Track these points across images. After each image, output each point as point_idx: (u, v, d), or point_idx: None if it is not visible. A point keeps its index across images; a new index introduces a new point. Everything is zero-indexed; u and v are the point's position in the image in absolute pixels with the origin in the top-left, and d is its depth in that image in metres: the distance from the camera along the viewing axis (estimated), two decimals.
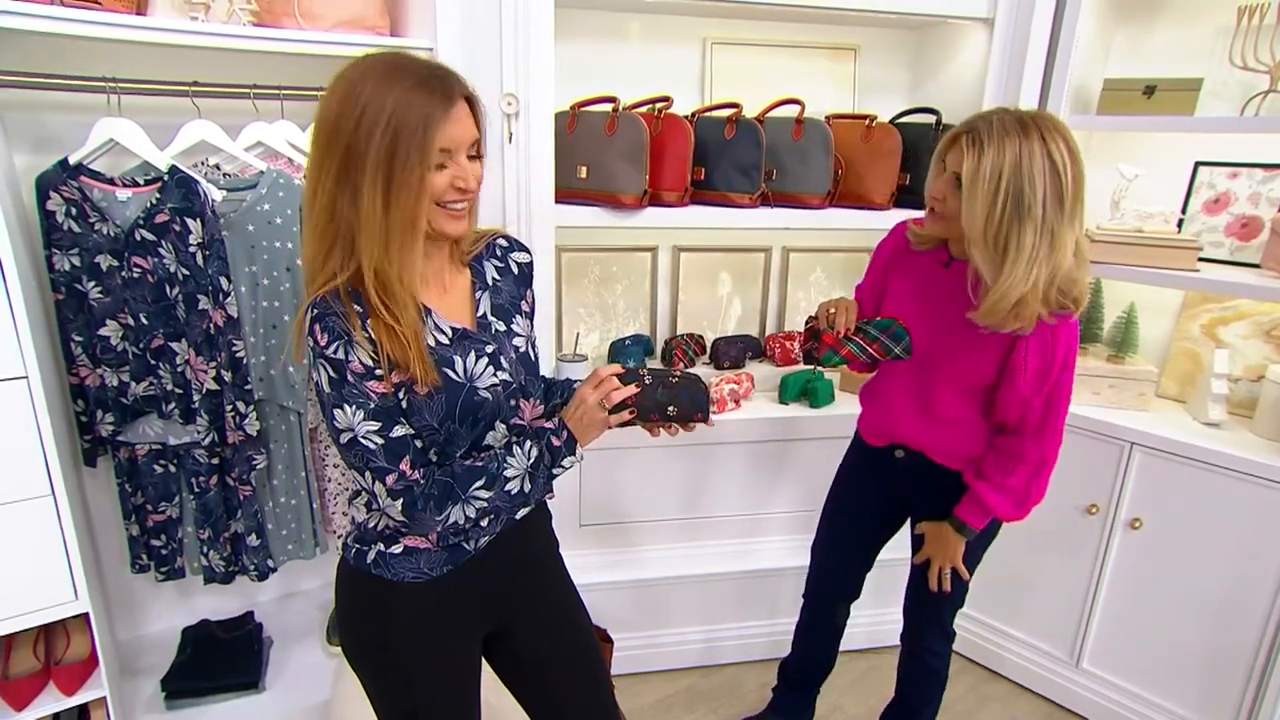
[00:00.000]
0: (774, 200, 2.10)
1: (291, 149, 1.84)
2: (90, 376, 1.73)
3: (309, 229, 1.03)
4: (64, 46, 1.53)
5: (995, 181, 1.24)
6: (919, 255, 1.53)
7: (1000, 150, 1.24)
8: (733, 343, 2.40)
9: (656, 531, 2.28)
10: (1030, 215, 1.24)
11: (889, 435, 1.65)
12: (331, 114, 0.99)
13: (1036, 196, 1.23)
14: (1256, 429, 1.92)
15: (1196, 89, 1.92)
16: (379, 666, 1.20)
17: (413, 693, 1.19)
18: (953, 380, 1.49)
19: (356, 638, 1.22)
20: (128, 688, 1.95)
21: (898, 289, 1.57)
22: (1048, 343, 1.36)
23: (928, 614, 1.73)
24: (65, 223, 1.62)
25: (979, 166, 1.25)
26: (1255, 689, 1.85)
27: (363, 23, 1.78)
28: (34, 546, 1.51)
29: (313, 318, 1.01)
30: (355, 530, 1.20)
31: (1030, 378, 1.38)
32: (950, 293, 1.44)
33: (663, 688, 2.24)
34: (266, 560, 1.97)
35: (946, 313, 1.45)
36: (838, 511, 1.84)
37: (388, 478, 1.04)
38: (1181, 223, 2.07)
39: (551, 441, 1.12)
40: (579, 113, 2.00)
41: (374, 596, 1.17)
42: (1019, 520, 1.53)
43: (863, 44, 2.39)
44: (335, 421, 1.03)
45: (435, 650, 1.20)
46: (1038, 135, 1.24)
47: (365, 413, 1.02)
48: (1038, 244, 1.25)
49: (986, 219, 1.26)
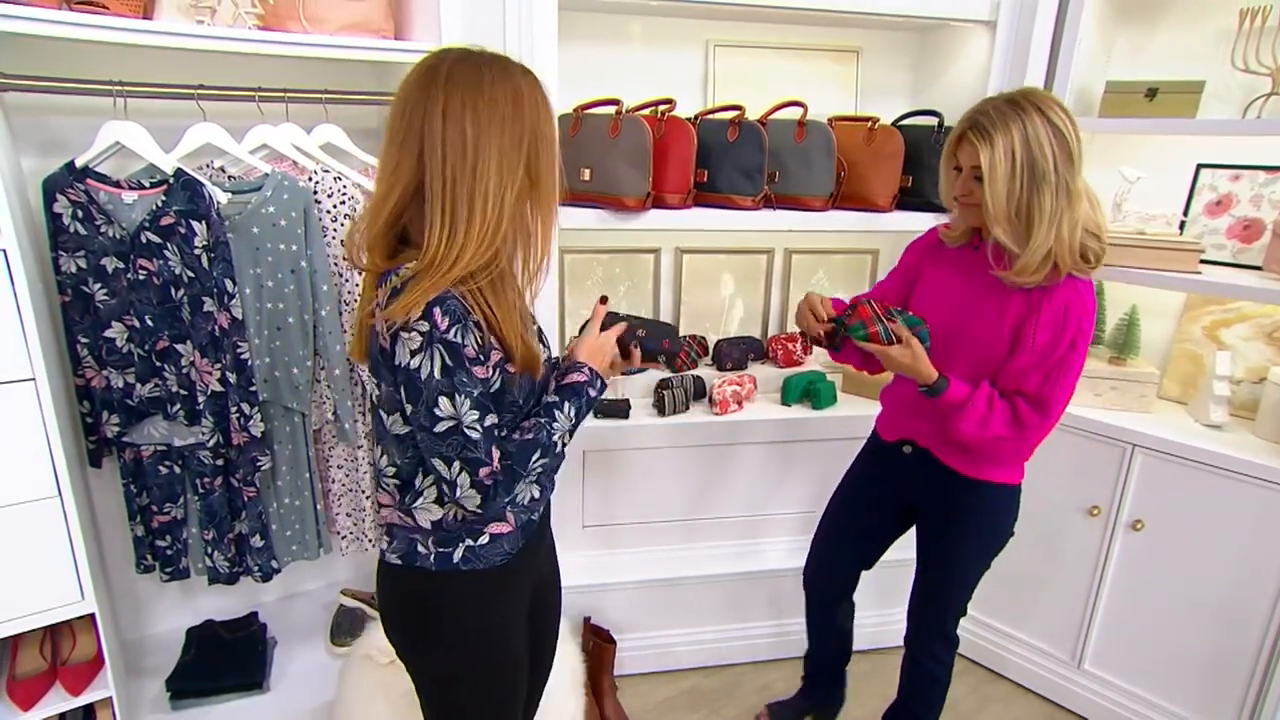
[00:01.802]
0: (776, 202, 2.11)
1: (296, 152, 1.85)
2: (96, 378, 1.73)
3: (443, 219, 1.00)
4: (70, 50, 1.53)
5: (1010, 163, 1.33)
6: (951, 250, 1.60)
7: (1008, 134, 1.33)
8: (735, 344, 2.41)
9: (659, 532, 2.29)
10: (1046, 181, 1.33)
11: (900, 430, 1.68)
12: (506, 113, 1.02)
13: (1049, 163, 1.32)
14: (1258, 431, 1.93)
15: (1198, 91, 1.93)
16: (489, 652, 1.20)
17: (519, 667, 1.25)
18: (969, 360, 1.51)
19: (458, 632, 1.18)
20: (133, 688, 1.96)
21: (931, 277, 1.62)
22: (1059, 319, 1.40)
23: (931, 618, 1.74)
24: (72, 225, 1.62)
25: (994, 155, 1.34)
26: (1257, 690, 1.85)
27: (367, 26, 1.79)
28: (40, 547, 1.51)
29: (431, 300, 0.98)
30: (432, 533, 1.15)
31: (1036, 351, 1.42)
32: (978, 270, 1.50)
33: (665, 688, 2.25)
34: (271, 561, 1.98)
35: (973, 290, 1.51)
36: (842, 505, 1.86)
37: (481, 470, 1.04)
38: (1183, 225, 2.07)
39: (589, 393, 1.18)
40: (582, 115, 2.01)
41: (472, 590, 1.17)
42: (962, 441, 1.49)
43: (865, 46, 2.40)
44: (436, 410, 1.01)
45: (522, 625, 1.25)
46: (1033, 108, 1.33)
47: (471, 401, 1.02)
48: (1056, 203, 1.34)
49: (1008, 197, 1.35)
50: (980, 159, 1.36)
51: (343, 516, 2.14)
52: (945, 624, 1.72)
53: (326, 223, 1.89)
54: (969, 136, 1.38)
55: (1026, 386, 1.44)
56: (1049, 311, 1.41)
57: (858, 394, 2.38)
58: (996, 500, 1.60)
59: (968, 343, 1.51)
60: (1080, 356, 1.43)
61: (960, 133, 1.41)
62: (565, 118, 1.99)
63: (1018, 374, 1.44)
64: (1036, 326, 1.41)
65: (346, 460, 2.09)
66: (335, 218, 1.90)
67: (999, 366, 1.48)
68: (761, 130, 2.03)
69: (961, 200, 1.46)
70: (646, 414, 2.19)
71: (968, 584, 1.69)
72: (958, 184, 1.45)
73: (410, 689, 1.27)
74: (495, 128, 1.00)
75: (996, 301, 1.46)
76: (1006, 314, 1.45)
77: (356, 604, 2.22)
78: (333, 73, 1.87)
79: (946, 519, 1.65)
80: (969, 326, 1.51)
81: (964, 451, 1.55)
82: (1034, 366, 1.43)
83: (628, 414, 2.16)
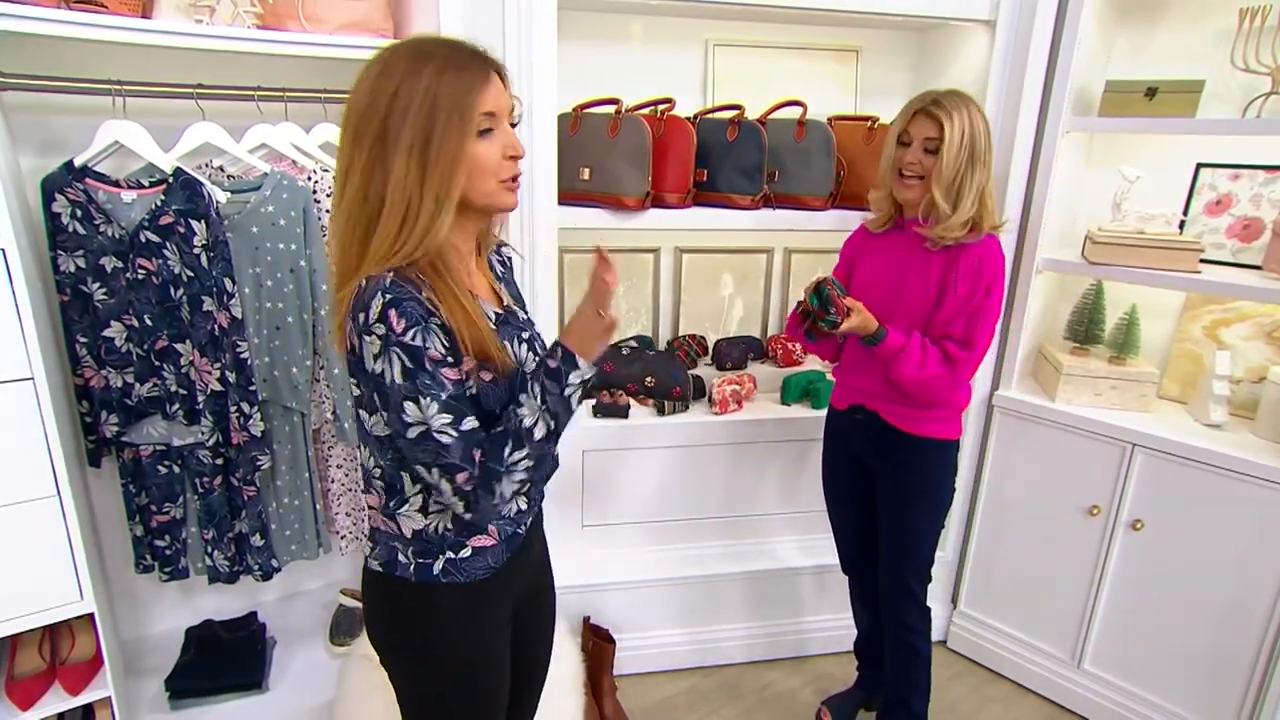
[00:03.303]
0: (776, 202, 2.11)
1: (295, 151, 1.84)
2: (95, 378, 1.73)
3: (342, 221, 1.00)
4: (69, 49, 1.53)
5: (961, 139, 1.58)
6: (877, 237, 1.80)
7: (962, 115, 1.59)
8: (735, 344, 2.40)
9: (658, 532, 2.29)
10: (979, 160, 1.60)
11: (850, 398, 1.85)
12: (362, 101, 0.99)
13: (979, 145, 1.60)
14: (1258, 430, 1.93)
15: (1198, 91, 1.92)
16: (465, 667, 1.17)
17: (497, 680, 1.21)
18: (902, 319, 1.70)
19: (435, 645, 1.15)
20: (132, 687, 1.96)
21: (865, 264, 1.81)
22: (975, 269, 1.63)
23: (894, 581, 1.83)
24: (70, 225, 1.62)
25: (952, 130, 1.58)
26: (1257, 690, 1.85)
27: (366, 25, 1.79)
28: (39, 547, 1.51)
29: (386, 302, 0.95)
30: (413, 542, 1.11)
31: (958, 298, 1.64)
32: (903, 246, 1.72)
33: (664, 688, 2.25)
34: (271, 560, 1.98)
35: (900, 263, 1.72)
36: (828, 485, 2.00)
37: (459, 475, 1.00)
38: (1183, 224, 2.07)
39: (548, 365, 1.03)
40: (582, 115, 2.00)
41: (451, 604, 1.13)
42: (904, 383, 1.66)
43: (865, 46, 2.40)
44: (405, 416, 0.97)
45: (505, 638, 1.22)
46: (969, 101, 1.62)
47: (439, 405, 0.97)
48: (980, 178, 1.62)
49: (954, 171, 1.59)
50: (941, 131, 1.58)
51: (342, 516, 2.14)
52: (909, 585, 1.82)
53: (326, 222, 1.89)
54: (930, 111, 1.61)
55: (954, 330, 1.65)
56: (965, 265, 1.63)
57: None
58: (935, 455, 1.76)
59: (902, 307, 1.71)
60: (996, 301, 1.66)
61: (919, 109, 1.63)
62: (565, 117, 1.99)
63: (945, 321, 1.66)
64: (957, 279, 1.63)
65: (346, 459, 2.09)
66: None
67: (929, 320, 1.68)
68: (761, 130, 2.03)
69: (906, 171, 1.65)
70: (646, 413, 2.19)
71: (922, 542, 1.80)
72: (906, 155, 1.65)
73: None
74: (348, 130, 1.01)
75: (921, 266, 1.68)
76: (930, 274, 1.67)
77: (356, 604, 2.22)
78: (332, 72, 1.87)
79: (894, 478, 1.79)
80: (902, 293, 1.71)
81: (906, 401, 1.71)
82: (958, 312, 1.64)
83: (627, 414, 2.16)
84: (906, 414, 1.74)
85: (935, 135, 1.60)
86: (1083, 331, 2.13)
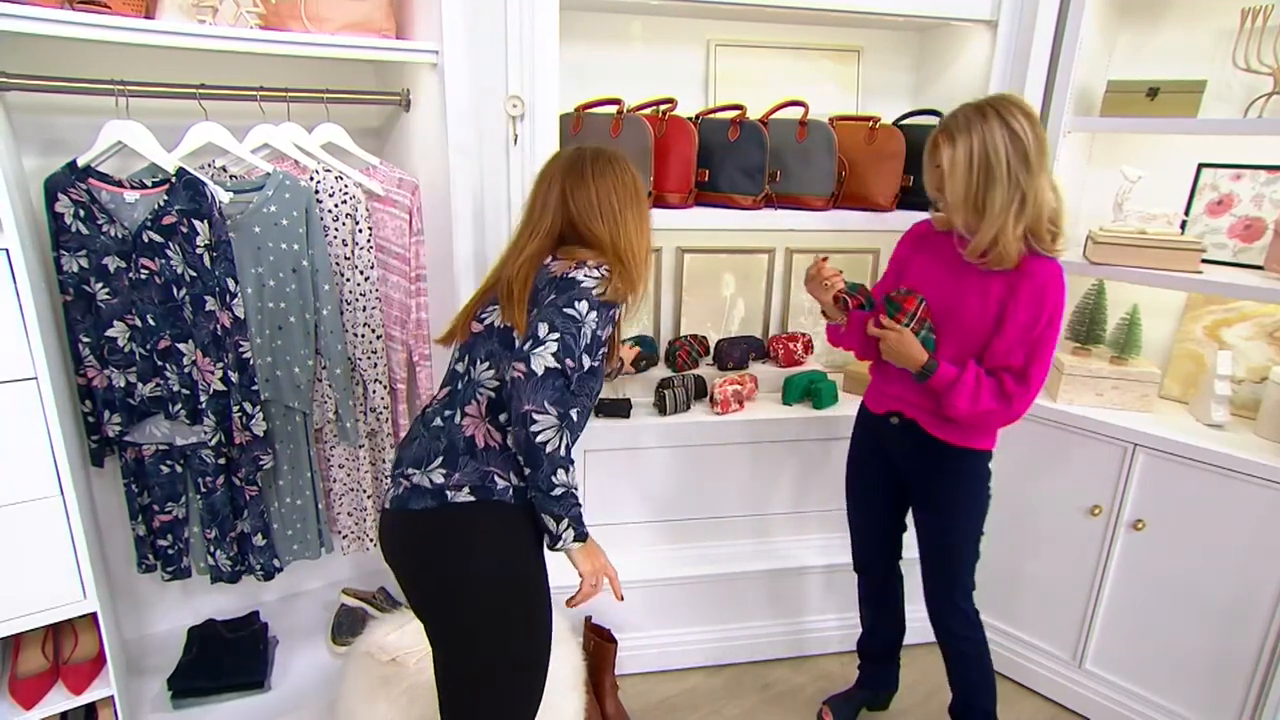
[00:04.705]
0: (777, 202, 2.11)
1: (298, 151, 1.85)
2: (98, 377, 1.74)
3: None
4: (72, 49, 1.54)
5: (967, 162, 1.51)
6: (938, 236, 1.72)
7: (968, 138, 1.51)
8: (736, 344, 2.41)
9: (659, 532, 2.29)
10: (999, 180, 1.50)
11: (887, 402, 1.78)
12: None
13: (1001, 164, 1.49)
14: (1259, 430, 1.92)
15: (1200, 91, 1.92)
16: (538, 590, 1.34)
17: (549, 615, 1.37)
18: (958, 341, 1.63)
19: (516, 567, 1.30)
20: (135, 687, 1.96)
21: (919, 264, 1.74)
22: (1037, 298, 1.55)
23: (940, 596, 1.79)
24: (73, 225, 1.63)
25: (954, 155, 1.53)
26: (1258, 690, 1.85)
27: (368, 25, 1.79)
28: (43, 546, 1.52)
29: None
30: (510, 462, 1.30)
31: (1018, 327, 1.56)
32: (959, 259, 1.63)
33: (666, 687, 2.25)
34: (273, 560, 1.98)
35: (958, 275, 1.64)
36: (852, 483, 1.96)
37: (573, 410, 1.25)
38: (1184, 224, 2.07)
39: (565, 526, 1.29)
40: (583, 115, 2.01)
41: (520, 524, 1.29)
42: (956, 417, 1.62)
43: (866, 46, 2.40)
44: (576, 349, 1.22)
45: None
46: (994, 115, 1.50)
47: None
48: (1008, 199, 1.50)
49: (965, 191, 1.53)
50: (943, 158, 1.55)
51: (344, 516, 2.14)
52: (955, 599, 1.77)
53: (328, 222, 1.89)
54: (939, 139, 1.57)
55: (1012, 362, 1.58)
56: (1026, 292, 1.55)
57: (859, 394, 2.38)
58: (976, 464, 1.72)
59: (955, 323, 1.63)
60: (1056, 331, 1.58)
61: (934, 136, 1.59)
62: (566, 117, 2.00)
63: (1004, 351, 1.58)
64: (1018, 306, 1.55)
65: (348, 459, 2.09)
66: (336, 217, 1.90)
67: (984, 345, 1.61)
68: (763, 130, 2.03)
69: (934, 194, 1.64)
70: (647, 413, 2.19)
71: (965, 555, 1.75)
72: (930, 179, 1.64)
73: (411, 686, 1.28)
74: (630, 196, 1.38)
75: (980, 285, 1.60)
76: (990, 293, 1.59)
77: (357, 603, 2.22)
78: (334, 72, 1.88)
79: (935, 490, 1.74)
80: (956, 308, 1.63)
81: (954, 425, 1.66)
82: (1018, 342, 1.57)
83: (628, 414, 2.16)
84: (952, 427, 1.68)
85: (940, 160, 1.57)
86: (1084, 331, 2.13)
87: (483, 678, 1.31)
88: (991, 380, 1.59)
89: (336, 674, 1.96)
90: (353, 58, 1.77)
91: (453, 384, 1.37)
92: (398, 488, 1.32)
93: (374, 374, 2.02)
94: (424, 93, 1.89)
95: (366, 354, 2.00)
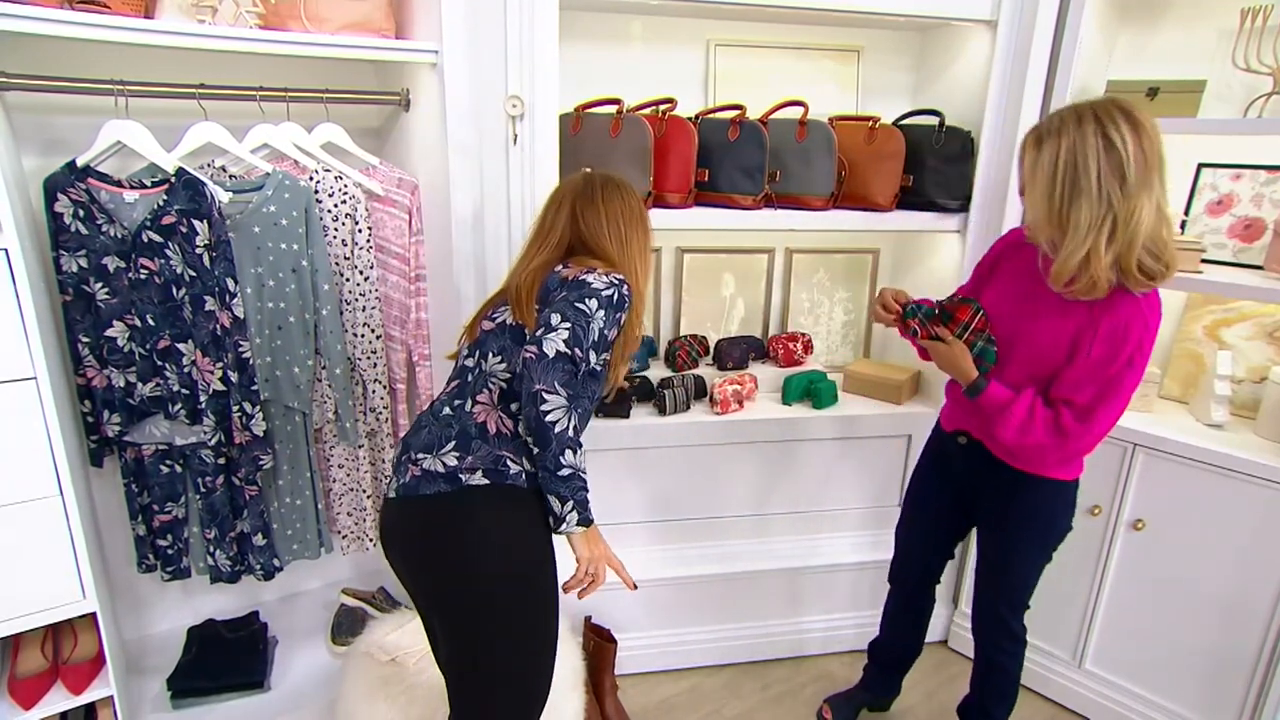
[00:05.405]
0: (777, 202, 2.11)
1: (297, 151, 1.85)
2: (97, 377, 1.74)
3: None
4: (72, 49, 1.54)
5: (1051, 170, 1.35)
6: (1028, 248, 1.56)
7: (1056, 142, 1.35)
8: (736, 344, 2.41)
9: (659, 532, 2.29)
10: (1086, 194, 1.32)
11: (956, 421, 1.70)
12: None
13: (1090, 177, 1.31)
14: (1259, 430, 1.93)
15: (1199, 91, 1.92)
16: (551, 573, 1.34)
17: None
18: (1026, 362, 1.51)
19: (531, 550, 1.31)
20: (134, 687, 1.96)
21: (1003, 274, 1.63)
22: (1118, 335, 1.39)
23: (990, 612, 1.75)
24: (73, 224, 1.63)
25: (1037, 160, 1.37)
26: (1258, 690, 1.85)
27: (368, 25, 1.79)
28: (42, 546, 1.52)
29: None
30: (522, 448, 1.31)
31: (1090, 364, 1.41)
32: (1037, 274, 1.49)
33: (666, 687, 2.25)
34: (273, 560, 1.98)
35: (1038, 294, 1.50)
36: (911, 497, 1.90)
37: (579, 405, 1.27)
38: (1184, 224, 2.07)
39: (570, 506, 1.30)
40: (583, 115, 2.01)
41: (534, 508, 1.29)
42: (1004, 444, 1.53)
43: (866, 46, 2.40)
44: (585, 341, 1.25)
45: None
46: (1092, 121, 1.32)
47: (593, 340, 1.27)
48: (1095, 216, 1.32)
49: (1048, 202, 1.37)
50: (1026, 162, 1.41)
51: (343, 516, 2.14)
52: (1003, 617, 1.72)
53: (327, 222, 1.89)
54: (1028, 138, 1.42)
55: (1078, 398, 1.44)
56: (1107, 326, 1.40)
57: (858, 394, 2.38)
58: (1050, 497, 1.59)
59: (1025, 344, 1.51)
60: (1137, 374, 1.41)
61: (1027, 134, 1.44)
62: (566, 117, 2.00)
63: (1072, 384, 1.44)
64: (1094, 340, 1.41)
65: (347, 459, 2.09)
66: (336, 217, 1.90)
67: (1055, 373, 1.47)
68: (762, 130, 2.03)
69: (1021, 198, 1.49)
70: (647, 413, 2.19)
71: (1024, 579, 1.69)
72: (1020, 183, 1.48)
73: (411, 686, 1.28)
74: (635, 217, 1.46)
75: (1059, 308, 1.45)
76: (1068, 322, 1.45)
77: (357, 603, 2.22)
78: (334, 72, 1.88)
79: (1000, 514, 1.65)
80: (1028, 328, 1.50)
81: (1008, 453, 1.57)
82: (1087, 378, 1.42)
83: (628, 413, 2.16)
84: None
85: (1023, 167, 1.43)
86: None
87: (499, 665, 1.30)
88: (1049, 412, 1.45)
89: (336, 674, 1.96)
90: (352, 58, 1.77)
91: (462, 377, 1.38)
92: (405, 475, 1.31)
93: (373, 374, 2.02)
94: (424, 93, 1.89)
95: (366, 354, 2.00)
